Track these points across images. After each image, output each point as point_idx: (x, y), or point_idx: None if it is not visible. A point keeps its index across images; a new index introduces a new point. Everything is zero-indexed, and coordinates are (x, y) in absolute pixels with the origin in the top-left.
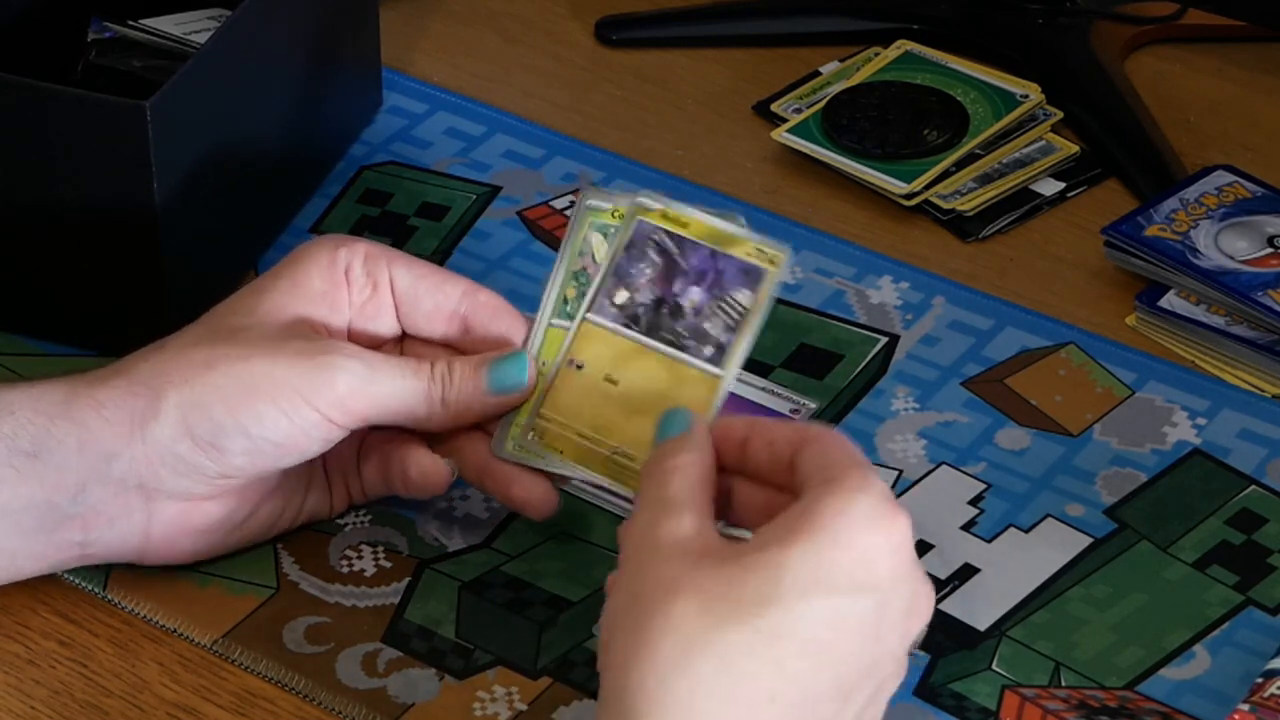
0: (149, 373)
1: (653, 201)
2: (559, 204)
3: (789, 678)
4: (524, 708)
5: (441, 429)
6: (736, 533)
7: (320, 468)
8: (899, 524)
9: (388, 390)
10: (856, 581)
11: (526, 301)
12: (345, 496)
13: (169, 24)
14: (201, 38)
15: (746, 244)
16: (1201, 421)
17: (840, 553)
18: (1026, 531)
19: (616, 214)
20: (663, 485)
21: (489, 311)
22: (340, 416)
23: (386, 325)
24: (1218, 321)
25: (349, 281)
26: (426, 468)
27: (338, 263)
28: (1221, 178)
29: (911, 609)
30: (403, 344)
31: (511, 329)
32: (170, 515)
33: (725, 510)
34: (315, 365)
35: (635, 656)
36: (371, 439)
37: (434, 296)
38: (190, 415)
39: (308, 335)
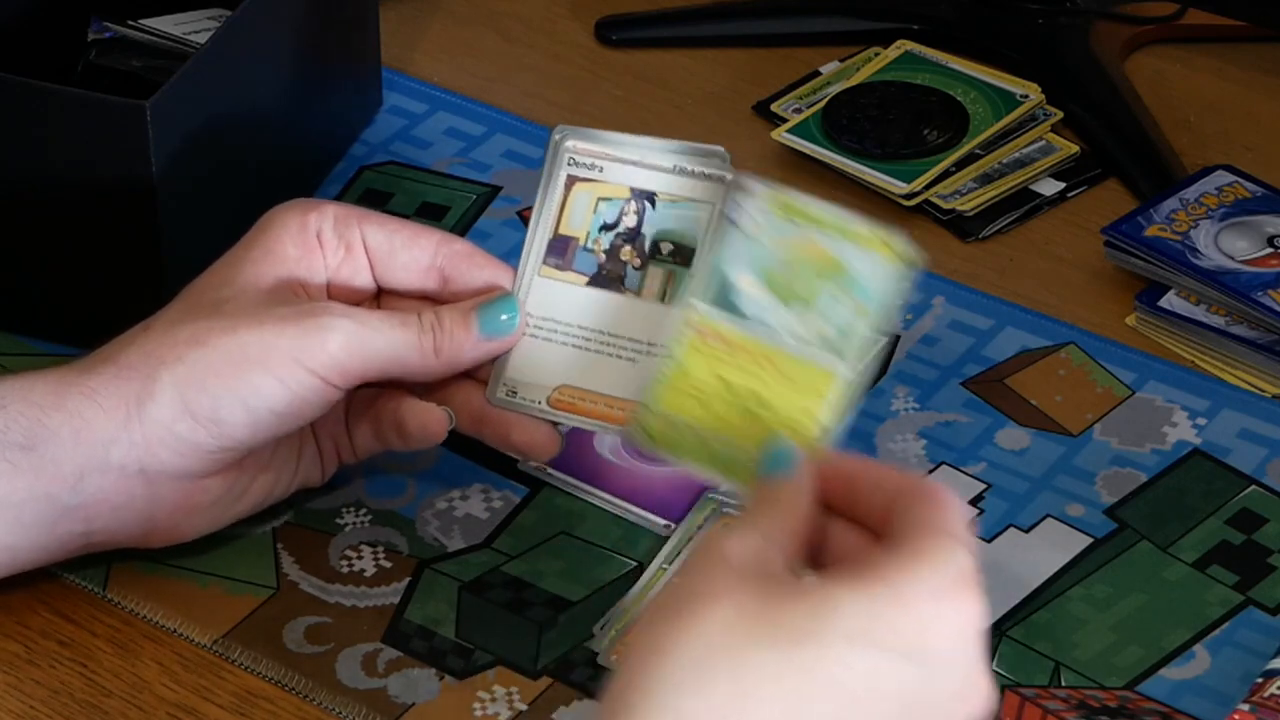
0: (138, 355)
1: (759, 186)
2: None
3: (805, 717)
4: (524, 708)
5: (434, 379)
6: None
7: (310, 433)
8: (968, 606)
9: (380, 345)
10: (906, 646)
11: None
12: (335, 459)
13: (169, 24)
14: (201, 38)
15: (873, 239)
16: (1201, 421)
17: (897, 612)
18: (1026, 531)
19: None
20: (754, 521)
21: (465, 260)
22: (336, 377)
23: (363, 285)
24: (1218, 321)
25: (321, 245)
26: (424, 418)
27: (308, 228)
28: (1221, 178)
29: (960, 696)
30: (380, 301)
31: (494, 276)
32: (173, 496)
33: (819, 554)
34: (304, 328)
35: (654, 652)
36: (359, 397)
37: (409, 251)
38: (187, 393)
39: (290, 300)
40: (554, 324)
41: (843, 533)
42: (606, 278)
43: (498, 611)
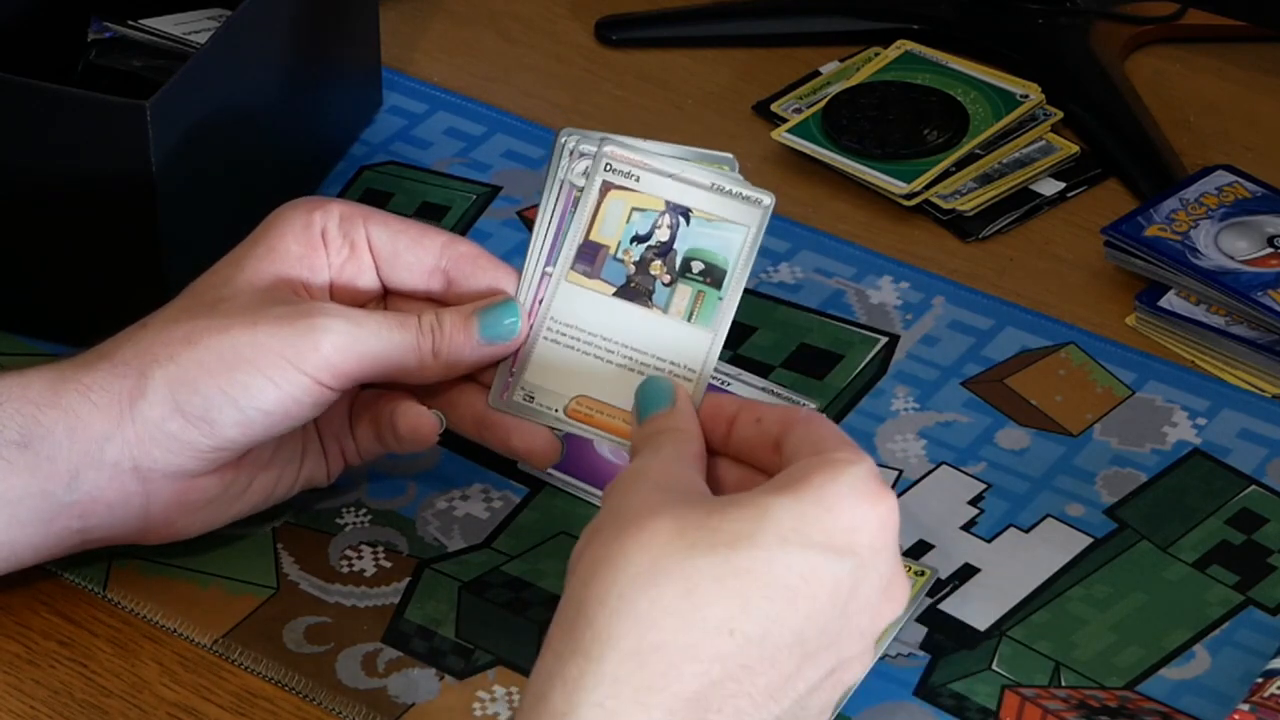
0: (133, 353)
1: None
2: None
3: (752, 615)
4: None
5: (433, 381)
6: None
7: (314, 433)
8: (885, 502)
9: (375, 346)
10: (836, 544)
11: None
12: (340, 460)
13: (169, 24)
14: (201, 38)
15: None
16: (1201, 421)
17: (824, 513)
18: (1026, 531)
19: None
20: (657, 446)
21: (470, 262)
22: (329, 378)
23: (368, 284)
24: (1218, 321)
25: (325, 243)
26: (414, 420)
27: (313, 225)
28: (1221, 178)
29: (886, 591)
30: (385, 301)
31: (497, 278)
32: (167, 494)
33: (713, 487)
34: (298, 329)
35: (603, 566)
36: (362, 399)
37: (414, 251)
38: (178, 392)
39: (288, 299)
40: (577, 331)
41: (729, 468)
42: (634, 290)
43: (498, 611)
